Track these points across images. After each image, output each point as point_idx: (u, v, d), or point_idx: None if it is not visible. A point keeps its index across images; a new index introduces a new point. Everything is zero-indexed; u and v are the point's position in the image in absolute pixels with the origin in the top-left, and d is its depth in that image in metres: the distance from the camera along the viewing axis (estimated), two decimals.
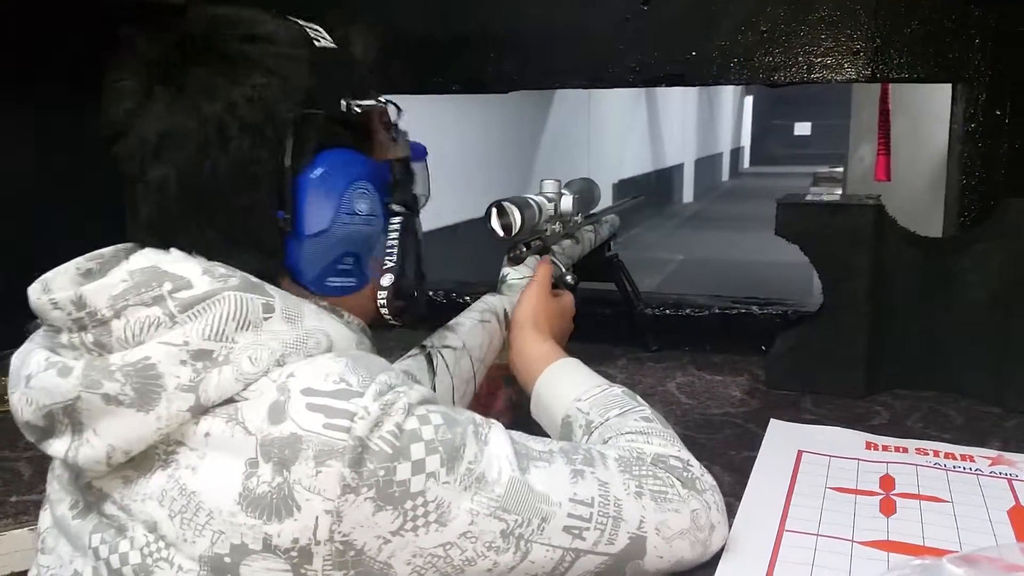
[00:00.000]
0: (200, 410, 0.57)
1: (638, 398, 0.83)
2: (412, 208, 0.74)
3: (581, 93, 7.66)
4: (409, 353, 0.89)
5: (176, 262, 0.61)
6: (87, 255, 0.65)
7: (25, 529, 0.87)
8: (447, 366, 0.88)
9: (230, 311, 0.58)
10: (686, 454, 0.74)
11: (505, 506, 0.60)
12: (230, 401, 0.58)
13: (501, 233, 1.01)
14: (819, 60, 1.24)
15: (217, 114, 0.62)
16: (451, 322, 0.94)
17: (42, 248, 0.78)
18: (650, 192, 10.66)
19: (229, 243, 0.64)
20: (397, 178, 0.74)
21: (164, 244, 0.63)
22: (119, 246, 0.67)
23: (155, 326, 0.57)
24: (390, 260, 0.73)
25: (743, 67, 1.25)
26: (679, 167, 13.09)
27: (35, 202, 1.43)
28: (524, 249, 1.06)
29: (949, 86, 1.30)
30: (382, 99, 0.72)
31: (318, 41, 0.68)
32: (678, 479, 0.70)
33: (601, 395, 0.83)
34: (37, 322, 0.64)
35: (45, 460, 1.01)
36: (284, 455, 0.55)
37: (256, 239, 0.64)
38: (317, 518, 0.55)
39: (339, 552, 0.56)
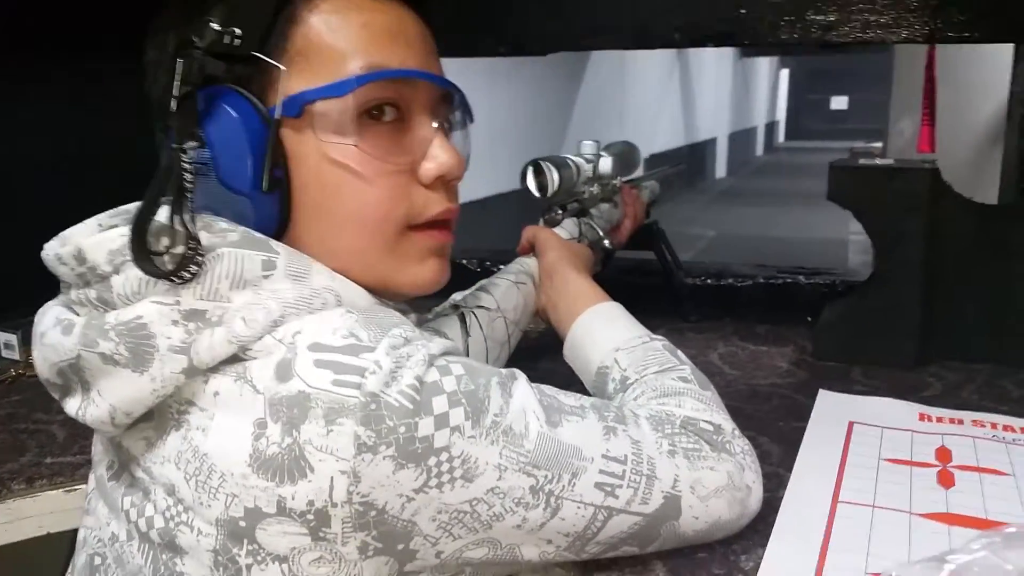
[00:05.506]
0: (194, 372, 0.55)
1: (679, 354, 0.80)
2: None
3: (615, 65, 7.58)
4: (441, 312, 0.86)
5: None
6: (111, 211, 0.63)
7: (61, 490, 0.86)
8: (480, 327, 0.85)
9: (224, 269, 0.55)
10: (719, 418, 0.71)
11: (535, 462, 0.57)
12: (238, 360, 0.55)
13: (537, 193, 0.99)
14: (874, 19, 1.18)
15: None
16: (484, 282, 0.92)
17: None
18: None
19: None
20: None
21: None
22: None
23: (152, 283, 0.55)
24: None
25: (795, 25, 1.20)
26: (712, 141, 12.94)
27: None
28: (560, 211, 1.04)
29: (1000, 49, 1.24)
30: None
31: None
32: (707, 442, 0.67)
33: (641, 347, 0.80)
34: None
35: (79, 423, 1.02)
36: (293, 414, 0.52)
37: None
38: (332, 479, 0.52)
39: (359, 513, 0.53)
